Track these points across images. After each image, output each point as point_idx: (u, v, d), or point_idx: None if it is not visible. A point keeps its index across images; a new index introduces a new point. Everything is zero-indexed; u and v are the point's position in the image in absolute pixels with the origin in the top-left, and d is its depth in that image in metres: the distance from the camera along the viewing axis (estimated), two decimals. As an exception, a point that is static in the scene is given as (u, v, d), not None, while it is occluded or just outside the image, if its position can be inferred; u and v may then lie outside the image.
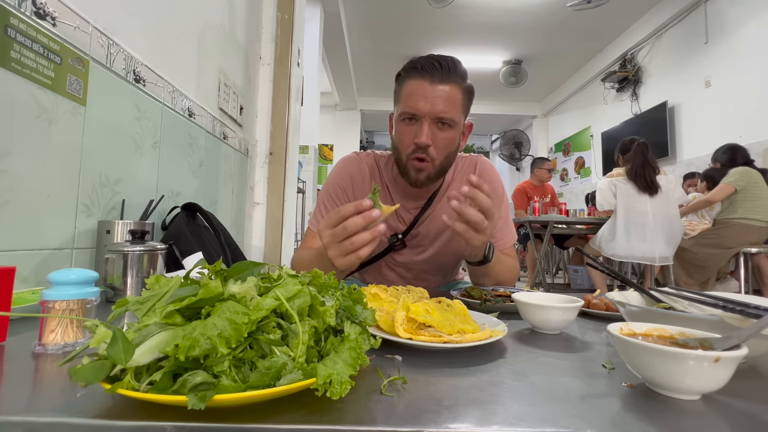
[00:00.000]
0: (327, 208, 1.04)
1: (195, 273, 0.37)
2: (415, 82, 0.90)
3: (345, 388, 0.30)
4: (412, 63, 0.93)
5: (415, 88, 0.90)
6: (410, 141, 0.91)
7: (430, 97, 0.88)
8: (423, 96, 0.88)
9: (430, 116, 0.89)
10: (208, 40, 1.42)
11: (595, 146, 6.02)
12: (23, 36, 0.71)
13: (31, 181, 0.74)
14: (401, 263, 1.09)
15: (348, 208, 0.65)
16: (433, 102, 0.88)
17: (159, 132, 1.14)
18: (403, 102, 0.92)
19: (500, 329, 0.52)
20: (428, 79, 0.89)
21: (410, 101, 0.90)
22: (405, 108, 0.91)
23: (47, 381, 0.37)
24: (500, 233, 1.05)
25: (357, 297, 0.42)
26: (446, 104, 0.89)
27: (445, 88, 0.89)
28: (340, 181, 1.05)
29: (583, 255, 1.62)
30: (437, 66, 0.89)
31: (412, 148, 0.91)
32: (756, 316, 0.42)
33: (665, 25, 4.55)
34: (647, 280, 3.11)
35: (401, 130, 0.93)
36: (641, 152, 2.85)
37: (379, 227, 0.65)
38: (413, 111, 0.89)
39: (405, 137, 0.92)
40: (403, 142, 0.93)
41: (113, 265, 0.76)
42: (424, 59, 0.91)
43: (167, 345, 0.28)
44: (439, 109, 0.88)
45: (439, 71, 0.89)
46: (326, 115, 7.03)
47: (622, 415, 0.32)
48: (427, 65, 0.89)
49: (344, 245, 0.65)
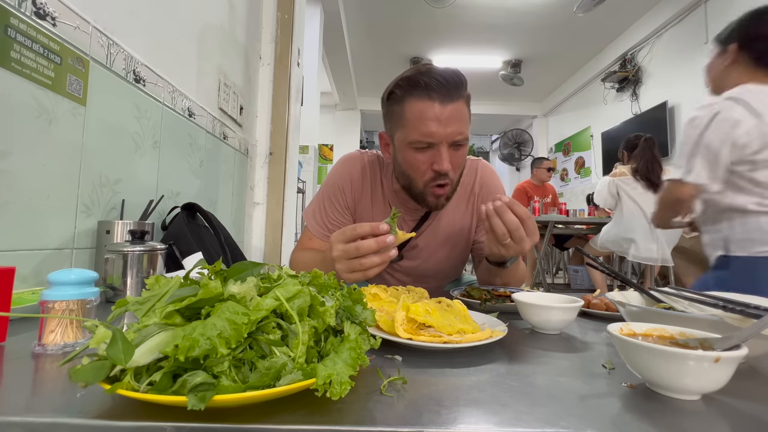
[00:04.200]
0: (325, 209, 1.03)
1: (195, 273, 0.37)
2: (422, 104, 0.82)
3: (345, 388, 0.30)
4: (410, 81, 0.83)
5: (424, 112, 0.82)
6: (427, 168, 0.85)
7: (444, 121, 0.81)
8: (436, 120, 0.81)
9: (447, 141, 0.83)
10: (208, 40, 1.42)
11: (595, 146, 6.02)
12: (23, 36, 0.71)
13: (31, 181, 0.74)
14: (401, 270, 1.08)
15: (364, 228, 0.66)
16: (446, 125, 0.81)
17: (159, 132, 1.14)
18: (412, 127, 0.83)
19: (500, 329, 0.52)
20: (437, 100, 0.81)
21: (422, 127, 0.82)
22: (418, 136, 0.83)
23: (47, 381, 0.37)
24: None
25: (357, 297, 0.42)
26: (459, 124, 0.83)
27: (455, 106, 0.82)
28: (340, 183, 1.03)
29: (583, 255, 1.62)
30: (443, 83, 0.81)
31: (431, 175, 0.86)
32: (756, 317, 0.42)
33: (665, 25, 4.55)
34: (647, 280, 3.11)
35: (414, 157, 0.86)
36: (649, 148, 2.80)
37: (390, 252, 0.65)
38: (428, 139, 0.82)
39: (421, 165, 0.86)
40: (418, 170, 0.87)
41: (113, 265, 0.76)
42: (427, 76, 0.82)
43: (167, 345, 0.28)
44: (454, 131, 0.82)
45: (446, 88, 0.81)
46: (326, 115, 7.03)
47: (623, 415, 0.32)
48: (433, 83, 0.81)
49: (353, 263, 0.66)
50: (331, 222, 1.02)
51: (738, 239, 1.17)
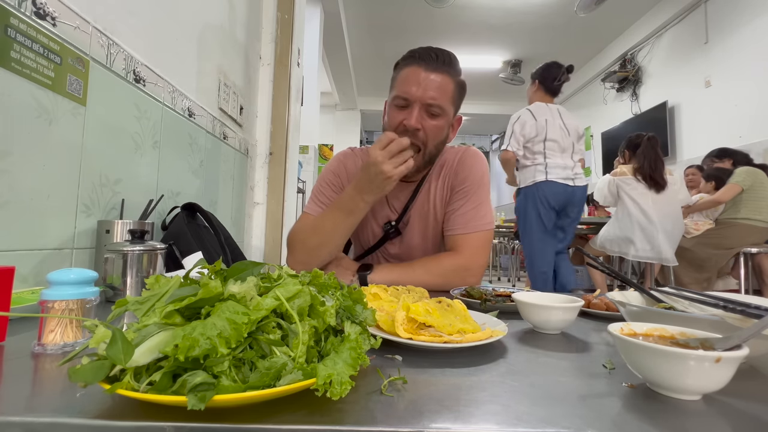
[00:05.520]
0: (323, 193, 1.09)
1: (195, 273, 0.37)
2: (410, 69, 0.94)
3: (345, 388, 0.30)
4: (410, 52, 0.98)
5: (409, 74, 0.94)
6: (399, 123, 0.94)
7: (422, 84, 0.92)
8: (416, 82, 0.92)
9: (421, 101, 0.92)
10: (208, 40, 1.42)
11: (595, 146, 6.02)
12: (23, 36, 0.71)
13: (31, 181, 0.74)
14: (394, 255, 1.13)
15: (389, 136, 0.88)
16: (425, 88, 0.92)
17: (159, 132, 1.14)
18: (396, 87, 0.96)
19: (500, 329, 0.52)
20: (423, 66, 0.93)
21: (403, 86, 0.94)
22: (398, 92, 0.95)
23: (47, 381, 0.37)
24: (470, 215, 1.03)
25: (357, 297, 0.42)
26: (437, 92, 0.92)
27: (438, 76, 0.93)
28: (336, 170, 1.12)
29: (583, 255, 1.61)
30: (433, 56, 0.94)
31: (401, 129, 0.94)
32: (757, 317, 0.42)
33: (665, 25, 4.55)
34: (647, 280, 3.11)
35: (393, 113, 0.97)
36: (652, 147, 2.79)
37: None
38: (405, 95, 0.93)
39: (394, 120, 0.95)
40: (392, 125, 0.96)
41: (113, 264, 0.76)
42: (423, 49, 0.96)
43: (167, 345, 0.28)
44: (430, 95, 0.92)
45: (434, 60, 0.93)
46: (326, 115, 7.03)
47: (623, 415, 0.32)
48: (424, 54, 0.94)
49: (397, 159, 0.87)
50: (329, 200, 1.07)
51: (523, 178, 2.52)
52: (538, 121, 2.39)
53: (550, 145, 2.39)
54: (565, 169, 2.39)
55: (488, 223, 1.03)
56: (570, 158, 2.44)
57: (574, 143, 2.47)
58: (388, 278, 0.94)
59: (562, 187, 2.37)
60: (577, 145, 2.49)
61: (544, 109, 2.45)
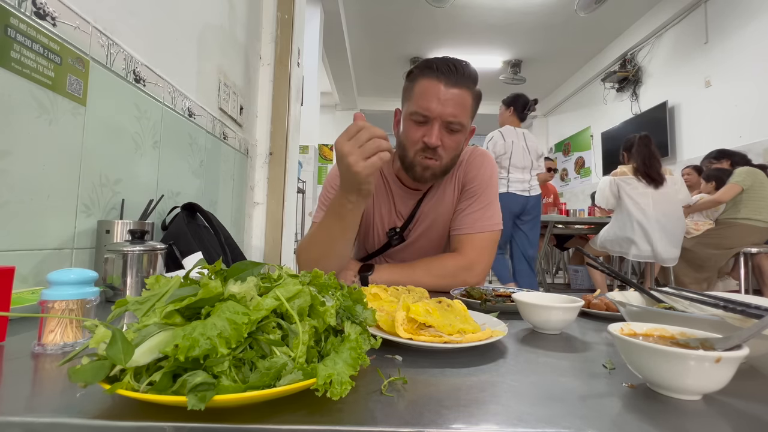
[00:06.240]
0: (327, 197, 1.06)
1: (195, 273, 0.37)
2: (428, 82, 0.91)
3: (345, 388, 0.30)
4: (427, 62, 0.94)
5: (428, 89, 0.91)
6: (419, 139, 0.93)
7: (443, 100, 0.89)
8: (436, 97, 0.90)
9: (441, 118, 0.90)
10: (208, 40, 1.42)
11: (595, 146, 6.02)
12: (23, 36, 0.71)
13: (31, 181, 0.73)
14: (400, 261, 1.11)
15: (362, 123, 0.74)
16: (444, 105, 0.90)
17: (159, 132, 1.14)
18: (414, 101, 0.93)
19: (500, 329, 0.52)
20: (443, 81, 0.90)
21: (422, 101, 0.91)
22: (416, 108, 0.92)
23: (47, 381, 0.37)
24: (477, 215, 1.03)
25: (357, 297, 0.42)
26: (457, 108, 0.90)
27: (457, 92, 0.90)
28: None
29: (584, 255, 1.62)
30: (452, 69, 0.90)
31: (421, 146, 0.93)
32: (757, 317, 0.42)
33: (665, 25, 4.55)
34: (647, 280, 3.11)
35: (410, 128, 0.94)
36: (645, 145, 2.85)
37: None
38: (425, 112, 0.91)
39: (414, 135, 0.94)
40: (411, 140, 0.95)
41: (113, 265, 0.76)
42: (440, 61, 0.92)
43: (167, 345, 0.28)
44: (450, 112, 0.90)
45: (454, 74, 0.90)
46: (326, 115, 7.03)
47: (623, 415, 0.32)
48: (442, 66, 0.91)
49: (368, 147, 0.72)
50: None
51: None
52: (506, 142, 2.94)
53: (514, 162, 2.94)
54: (522, 183, 2.94)
55: (496, 224, 1.04)
56: (528, 173, 2.99)
57: (533, 161, 2.99)
58: (390, 278, 0.94)
59: (519, 198, 2.93)
60: (536, 162, 3.02)
61: (512, 132, 2.99)
